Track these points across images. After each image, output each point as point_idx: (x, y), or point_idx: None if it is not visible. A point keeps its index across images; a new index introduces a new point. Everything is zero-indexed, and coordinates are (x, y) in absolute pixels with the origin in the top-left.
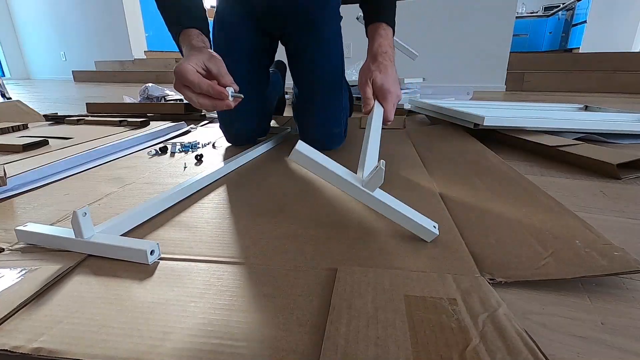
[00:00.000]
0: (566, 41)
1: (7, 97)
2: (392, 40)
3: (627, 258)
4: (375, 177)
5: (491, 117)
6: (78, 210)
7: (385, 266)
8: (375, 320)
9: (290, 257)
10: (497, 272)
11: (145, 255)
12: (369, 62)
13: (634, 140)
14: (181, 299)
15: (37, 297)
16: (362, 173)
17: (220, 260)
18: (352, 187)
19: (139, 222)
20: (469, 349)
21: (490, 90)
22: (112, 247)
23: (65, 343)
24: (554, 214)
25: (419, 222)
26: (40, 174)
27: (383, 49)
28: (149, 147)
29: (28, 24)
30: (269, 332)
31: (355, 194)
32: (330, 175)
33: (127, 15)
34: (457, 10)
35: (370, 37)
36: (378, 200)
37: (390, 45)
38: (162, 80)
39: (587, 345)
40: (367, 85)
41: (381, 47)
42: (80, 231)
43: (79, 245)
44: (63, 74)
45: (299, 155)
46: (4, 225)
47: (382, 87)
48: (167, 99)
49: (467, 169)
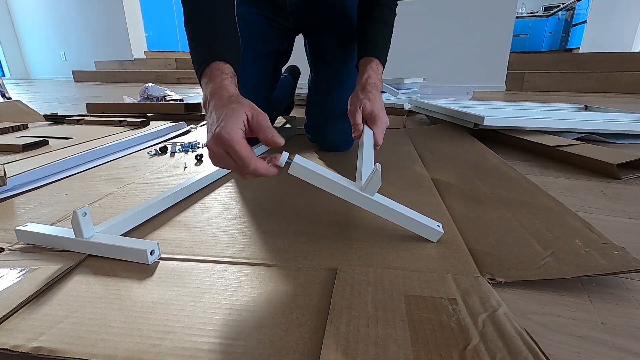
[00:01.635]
0: (566, 41)
1: (7, 97)
2: (381, 75)
3: (627, 257)
4: (373, 181)
5: (491, 117)
6: (78, 210)
7: (385, 266)
8: (375, 320)
9: (290, 256)
10: (497, 272)
11: (145, 255)
12: (358, 91)
13: (634, 140)
14: (181, 299)
15: (37, 296)
16: (361, 181)
17: (220, 260)
18: (352, 193)
19: (139, 222)
20: (469, 348)
21: (490, 90)
22: (112, 247)
23: (65, 342)
24: (554, 214)
25: (423, 222)
26: (40, 174)
27: (372, 81)
28: (149, 147)
29: (28, 23)
30: (269, 332)
31: (356, 200)
32: (330, 184)
33: (127, 15)
34: (457, 10)
35: (362, 69)
36: (379, 204)
37: (379, 79)
38: (162, 80)
39: (587, 345)
40: (357, 112)
41: (370, 79)
42: (80, 231)
43: (79, 245)
44: (63, 74)
45: (298, 169)
46: (4, 225)
47: (372, 113)
48: (167, 99)
49: (467, 168)
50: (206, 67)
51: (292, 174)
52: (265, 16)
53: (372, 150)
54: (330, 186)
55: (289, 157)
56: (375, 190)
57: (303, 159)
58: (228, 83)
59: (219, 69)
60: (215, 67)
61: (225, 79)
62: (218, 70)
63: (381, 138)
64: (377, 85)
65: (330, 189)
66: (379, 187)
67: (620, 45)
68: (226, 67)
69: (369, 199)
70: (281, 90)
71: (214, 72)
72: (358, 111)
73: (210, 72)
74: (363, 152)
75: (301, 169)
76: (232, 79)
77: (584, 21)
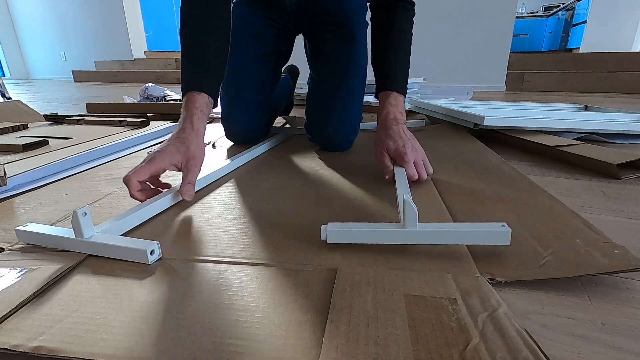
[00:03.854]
0: (566, 41)
1: (7, 97)
2: (402, 106)
3: (628, 256)
4: (408, 213)
5: (491, 117)
6: (78, 210)
7: (385, 266)
8: (375, 320)
9: (290, 256)
10: (497, 272)
11: (145, 255)
12: (380, 133)
13: (634, 140)
14: (181, 299)
15: (37, 296)
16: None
17: (220, 260)
18: (396, 232)
19: (139, 222)
20: (469, 347)
21: (490, 90)
22: (112, 247)
23: (65, 342)
24: (555, 213)
25: (486, 229)
26: (40, 174)
27: (392, 116)
28: (149, 147)
29: (28, 23)
30: (269, 331)
31: (403, 238)
32: (372, 234)
33: (127, 15)
34: (457, 10)
35: (380, 104)
36: (429, 232)
37: (400, 111)
38: (162, 80)
39: (587, 345)
40: (383, 155)
41: (389, 115)
42: (80, 231)
43: (79, 245)
44: (63, 74)
45: (336, 235)
46: (4, 225)
47: (397, 151)
48: (167, 99)
49: (467, 168)
50: (185, 94)
51: (332, 241)
52: (265, 16)
53: (407, 186)
54: (373, 237)
55: None
56: (415, 220)
57: (335, 224)
58: (196, 118)
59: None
60: (191, 98)
61: (194, 114)
62: (191, 103)
63: (414, 170)
64: (398, 118)
65: (374, 239)
66: (416, 215)
67: (620, 45)
68: (201, 99)
69: (415, 232)
70: (281, 90)
71: (188, 103)
72: (383, 154)
73: (186, 102)
74: (397, 191)
75: (339, 234)
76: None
77: (584, 21)
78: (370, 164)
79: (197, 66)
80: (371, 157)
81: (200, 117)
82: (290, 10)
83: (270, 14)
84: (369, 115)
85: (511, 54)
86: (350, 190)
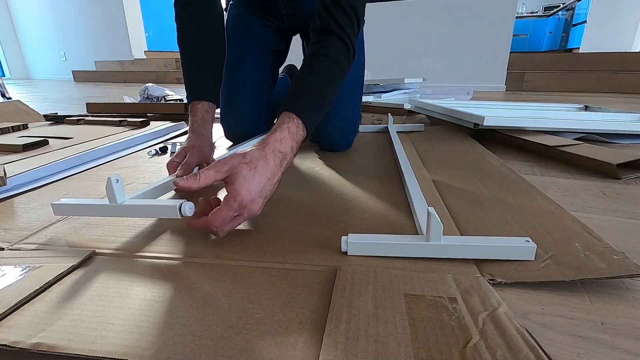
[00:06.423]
0: (566, 41)
1: (7, 97)
2: (299, 144)
3: (626, 262)
4: (434, 226)
5: (491, 117)
6: (112, 177)
7: (385, 266)
8: (375, 318)
9: (290, 255)
10: (497, 273)
11: (176, 211)
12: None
13: (634, 140)
14: (180, 297)
15: (39, 294)
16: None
17: (220, 259)
18: (420, 246)
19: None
20: (469, 346)
21: (490, 90)
22: (145, 207)
23: (65, 339)
24: (554, 217)
25: (510, 244)
26: (40, 174)
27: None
28: (149, 147)
29: (28, 24)
30: (269, 330)
31: (427, 251)
32: (394, 247)
33: (127, 15)
34: (457, 10)
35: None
36: (453, 245)
37: (291, 148)
38: (162, 80)
39: (587, 345)
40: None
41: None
42: (114, 197)
43: (114, 210)
44: (63, 74)
45: (357, 247)
46: (4, 225)
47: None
48: (167, 99)
49: (467, 170)
50: (190, 103)
51: (353, 254)
52: (261, 17)
53: (419, 192)
54: (395, 250)
55: None
56: (440, 233)
57: (356, 235)
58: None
59: (194, 111)
60: (195, 107)
61: (195, 122)
62: (195, 110)
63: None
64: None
65: (396, 252)
66: (441, 229)
67: (620, 45)
68: (201, 107)
69: (439, 246)
70: (280, 90)
71: (193, 111)
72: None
73: (191, 109)
74: (412, 200)
75: (360, 246)
76: (206, 116)
77: (584, 21)
78: (370, 164)
79: (195, 77)
80: (371, 157)
81: (201, 124)
82: (285, 12)
83: (266, 15)
84: (369, 116)
85: (511, 54)
86: (351, 190)
